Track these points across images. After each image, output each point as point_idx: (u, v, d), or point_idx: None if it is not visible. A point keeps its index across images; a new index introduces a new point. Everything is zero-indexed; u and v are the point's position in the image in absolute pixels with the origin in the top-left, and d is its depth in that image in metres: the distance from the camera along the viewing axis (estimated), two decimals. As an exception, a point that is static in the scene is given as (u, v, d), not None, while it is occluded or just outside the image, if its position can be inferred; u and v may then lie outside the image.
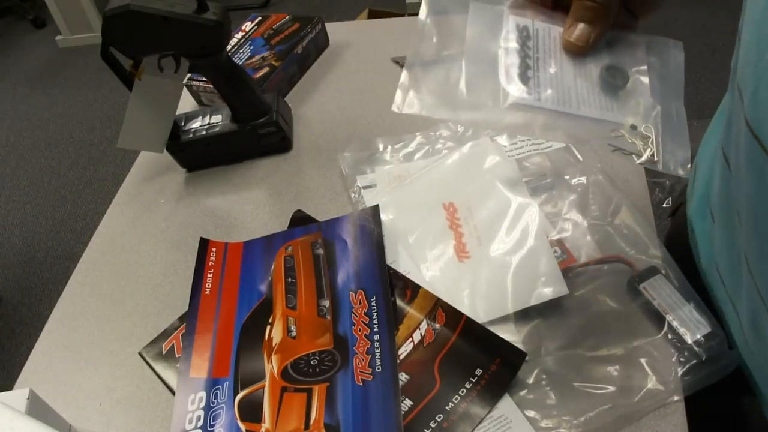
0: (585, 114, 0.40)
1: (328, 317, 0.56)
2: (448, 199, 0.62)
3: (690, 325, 0.49)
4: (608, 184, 0.61)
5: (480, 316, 0.53)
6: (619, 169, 0.65)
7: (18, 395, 0.49)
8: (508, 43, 0.42)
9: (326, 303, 0.57)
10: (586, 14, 0.34)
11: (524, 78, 0.41)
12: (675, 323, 0.49)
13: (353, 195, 0.68)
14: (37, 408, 0.50)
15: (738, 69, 0.35)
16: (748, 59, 0.32)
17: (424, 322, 0.54)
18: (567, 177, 0.63)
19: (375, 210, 0.63)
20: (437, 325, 0.53)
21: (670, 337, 0.49)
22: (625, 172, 0.65)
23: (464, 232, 0.60)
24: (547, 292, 0.53)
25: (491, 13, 0.43)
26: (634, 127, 0.40)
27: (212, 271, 0.62)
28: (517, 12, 0.42)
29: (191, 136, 0.76)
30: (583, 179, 0.62)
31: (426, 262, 0.59)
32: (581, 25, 0.35)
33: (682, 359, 0.48)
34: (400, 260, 0.60)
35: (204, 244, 0.65)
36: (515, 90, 0.41)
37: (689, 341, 0.48)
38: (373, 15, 1.99)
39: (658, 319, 0.50)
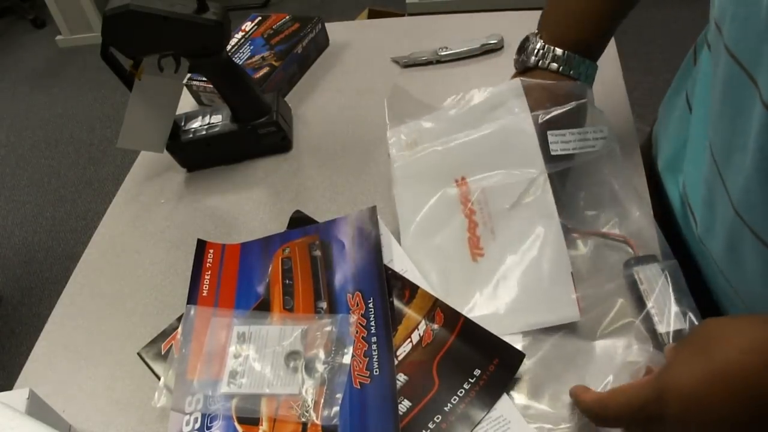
0: None
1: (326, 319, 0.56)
2: (460, 174, 0.60)
3: (665, 317, 0.49)
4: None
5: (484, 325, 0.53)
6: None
7: (18, 395, 0.49)
8: None
9: (323, 305, 0.57)
10: None
11: None
12: (653, 311, 0.49)
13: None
14: (37, 408, 0.50)
15: (715, 5, 0.41)
16: None
17: (423, 322, 0.54)
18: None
19: (372, 211, 0.63)
20: (436, 326, 0.53)
21: (644, 324, 0.50)
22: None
23: (478, 220, 0.57)
24: (559, 316, 0.52)
25: None
26: None
27: (209, 272, 0.62)
28: None
29: (191, 136, 0.76)
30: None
31: (432, 253, 0.58)
32: None
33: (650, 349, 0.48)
34: (398, 257, 0.59)
35: (201, 246, 0.65)
36: None
37: (660, 331, 0.48)
38: (373, 15, 1.99)
39: (640, 304, 0.51)
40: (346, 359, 0.52)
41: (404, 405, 0.49)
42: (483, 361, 0.50)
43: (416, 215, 0.60)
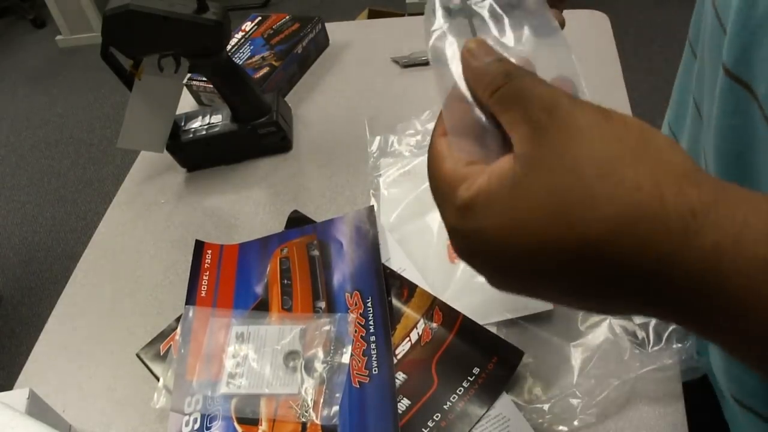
0: None
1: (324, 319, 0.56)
2: None
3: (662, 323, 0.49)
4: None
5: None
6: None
7: (18, 395, 0.49)
8: None
9: (322, 304, 0.57)
10: None
11: None
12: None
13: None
14: (37, 408, 0.50)
15: None
16: None
17: (421, 321, 0.54)
18: None
19: (370, 211, 0.63)
20: (434, 325, 0.53)
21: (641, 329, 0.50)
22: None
23: None
24: (536, 304, 0.53)
25: None
26: None
27: (207, 273, 0.62)
28: None
29: (191, 136, 0.76)
30: None
31: (414, 255, 0.59)
32: None
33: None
34: (397, 256, 0.60)
35: (199, 247, 0.65)
36: None
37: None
38: (373, 15, 1.99)
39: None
40: (345, 358, 0.52)
41: (403, 404, 0.49)
42: (482, 359, 0.50)
43: (399, 206, 0.63)
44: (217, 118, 0.77)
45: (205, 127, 0.77)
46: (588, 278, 0.24)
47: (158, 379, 0.55)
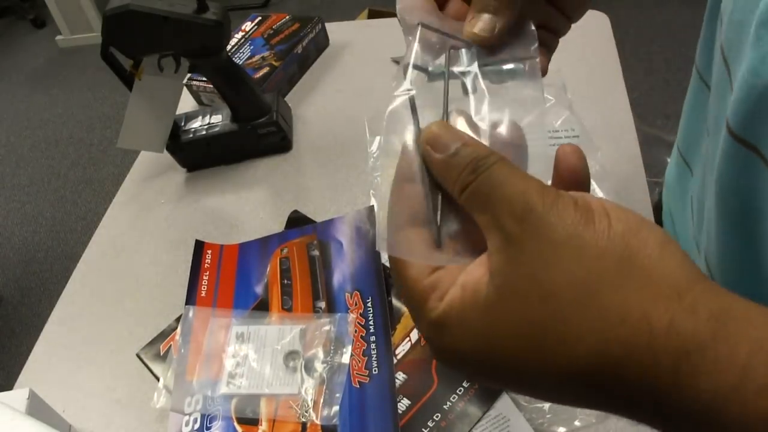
0: None
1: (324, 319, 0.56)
2: None
3: None
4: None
5: None
6: (617, 167, 0.65)
7: (18, 395, 0.49)
8: None
9: (322, 304, 0.57)
10: (489, 3, 0.31)
11: None
12: None
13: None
14: (37, 408, 0.50)
15: None
16: None
17: (423, 321, 0.54)
18: None
19: (370, 211, 0.63)
20: (436, 325, 0.53)
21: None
22: (624, 170, 0.65)
23: None
24: None
25: None
26: None
27: (207, 273, 0.62)
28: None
29: (191, 136, 0.76)
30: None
31: None
32: (485, 16, 0.31)
33: None
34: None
35: (199, 247, 0.65)
36: None
37: None
38: (373, 15, 1.99)
39: None
40: (345, 358, 0.52)
41: (403, 404, 0.49)
42: (482, 360, 0.50)
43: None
44: (217, 118, 0.77)
45: (205, 127, 0.77)
46: (571, 398, 0.23)
47: (158, 379, 0.55)
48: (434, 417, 0.48)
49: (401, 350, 0.53)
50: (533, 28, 0.32)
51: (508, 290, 0.22)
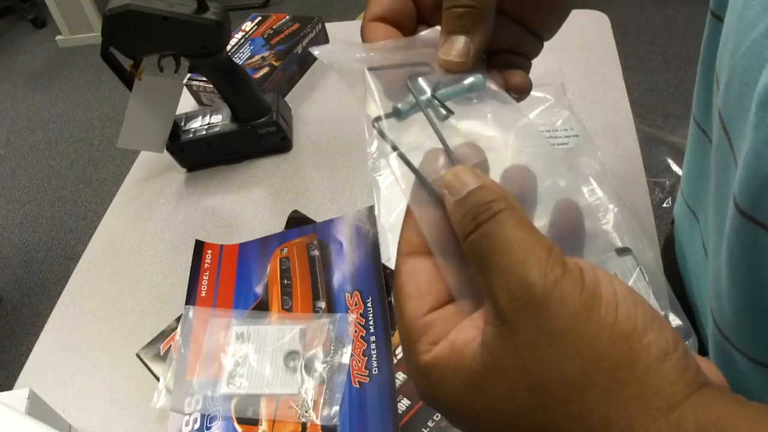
0: None
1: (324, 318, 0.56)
2: None
3: None
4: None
5: None
6: (617, 167, 0.65)
7: (18, 395, 0.49)
8: None
9: (322, 304, 0.57)
10: (460, 23, 0.29)
11: None
12: None
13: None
14: (37, 408, 0.50)
15: (717, 55, 0.34)
16: (727, 48, 0.31)
17: (423, 322, 0.54)
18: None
19: (370, 211, 0.63)
20: (436, 325, 0.53)
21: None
22: (624, 170, 0.65)
23: None
24: None
25: None
26: None
27: (207, 273, 0.62)
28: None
29: (191, 136, 0.76)
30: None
31: None
32: (458, 39, 0.29)
33: None
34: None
35: (199, 247, 0.65)
36: None
37: None
38: (373, 15, 1.99)
39: None
40: (345, 358, 0.52)
41: (403, 404, 0.49)
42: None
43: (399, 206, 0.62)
44: (217, 118, 0.77)
45: (205, 127, 0.77)
46: None
47: (158, 379, 0.55)
48: (434, 417, 0.48)
49: (401, 350, 0.53)
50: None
51: (496, 372, 0.22)
